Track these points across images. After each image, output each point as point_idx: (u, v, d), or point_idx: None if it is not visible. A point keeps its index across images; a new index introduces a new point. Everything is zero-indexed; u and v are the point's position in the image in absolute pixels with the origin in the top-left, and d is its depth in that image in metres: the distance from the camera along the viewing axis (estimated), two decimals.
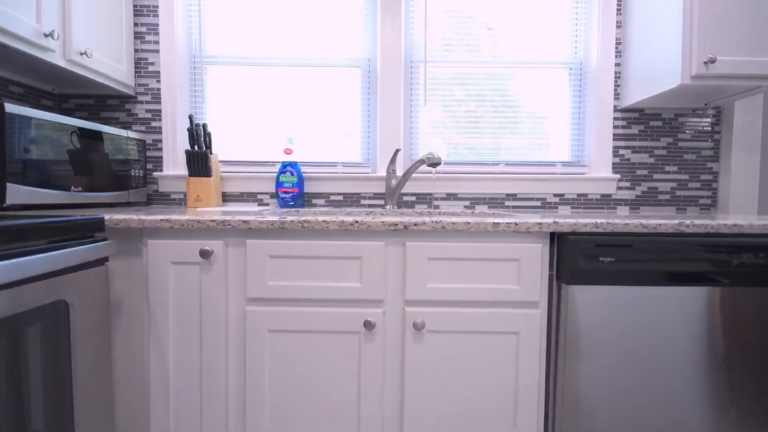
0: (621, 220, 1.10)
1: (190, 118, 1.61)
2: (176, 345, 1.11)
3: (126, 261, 1.12)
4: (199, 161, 1.61)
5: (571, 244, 1.08)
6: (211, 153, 1.67)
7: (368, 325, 1.08)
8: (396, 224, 1.08)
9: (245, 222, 1.07)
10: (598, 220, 1.09)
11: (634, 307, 1.08)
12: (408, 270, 1.10)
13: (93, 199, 1.43)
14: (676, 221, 1.10)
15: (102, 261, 1.02)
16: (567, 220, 1.09)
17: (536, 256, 1.10)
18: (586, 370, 1.08)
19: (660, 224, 1.09)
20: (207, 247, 1.08)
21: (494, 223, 1.08)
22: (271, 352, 1.11)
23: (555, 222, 1.08)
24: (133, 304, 1.13)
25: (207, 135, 1.66)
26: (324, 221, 1.07)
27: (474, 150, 1.83)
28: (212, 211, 1.29)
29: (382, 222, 1.08)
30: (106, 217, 1.06)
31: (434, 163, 1.51)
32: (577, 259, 1.07)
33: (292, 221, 1.07)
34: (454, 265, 1.11)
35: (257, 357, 1.11)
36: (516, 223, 1.08)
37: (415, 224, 1.08)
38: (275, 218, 1.07)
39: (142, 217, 1.07)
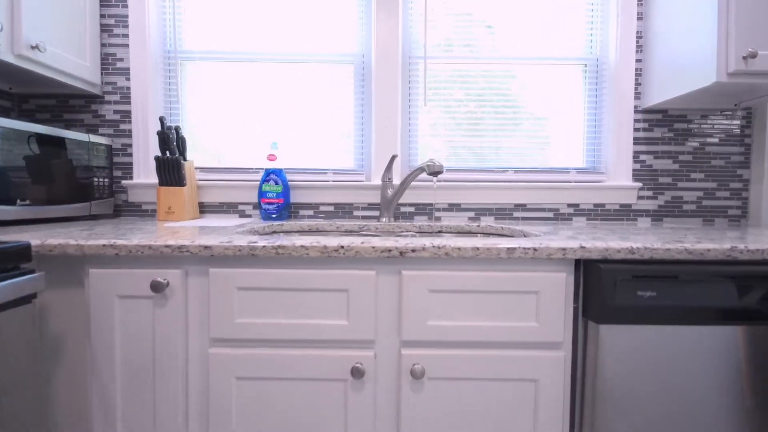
0: (661, 243, 0.90)
1: (161, 120, 1.41)
2: (125, 396, 0.90)
3: (66, 293, 0.92)
4: (170, 168, 1.40)
5: (601, 274, 0.87)
6: (185, 159, 1.47)
7: (356, 373, 0.88)
8: (390, 250, 0.87)
9: (207, 248, 0.87)
10: (634, 245, 0.89)
11: (682, 352, 0.88)
12: (404, 304, 0.90)
13: (44, 214, 1.23)
14: (727, 245, 0.89)
15: (29, 298, 0.82)
16: (596, 243, 0.89)
17: (559, 287, 0.90)
18: (621, 429, 0.88)
19: (708, 249, 0.88)
20: (160, 279, 0.87)
21: (509, 248, 0.88)
22: (239, 404, 0.91)
23: (582, 247, 0.88)
24: (75, 345, 0.93)
25: (181, 139, 1.46)
26: (302, 246, 0.87)
27: (478, 155, 1.62)
28: (183, 227, 1.08)
29: (373, 247, 0.87)
30: (37, 242, 0.86)
31: (435, 172, 1.31)
32: (609, 292, 0.87)
33: (264, 247, 0.87)
34: (460, 299, 0.90)
35: (222, 410, 0.90)
36: (535, 249, 0.88)
37: (413, 250, 0.87)
38: (243, 243, 0.87)
39: (81, 242, 0.86)
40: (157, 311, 0.89)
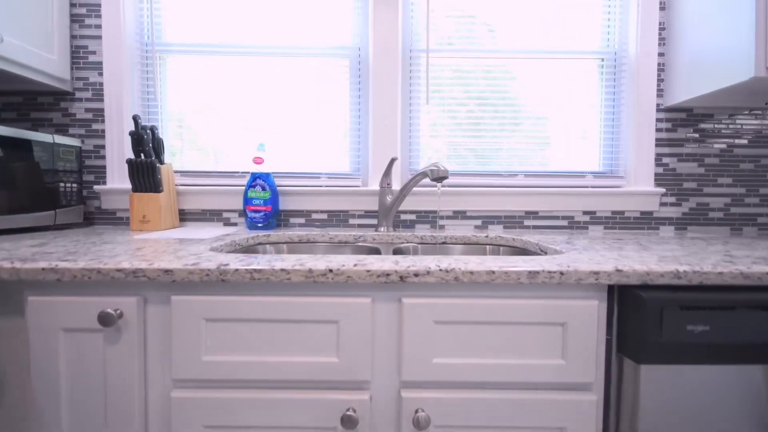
0: (712, 266, 0.74)
1: (135, 119, 1.25)
2: None
3: (6, 321, 0.76)
4: (144, 173, 1.24)
5: (643, 304, 0.72)
6: (161, 162, 1.31)
7: (348, 422, 0.72)
8: (388, 274, 0.72)
9: (168, 272, 0.71)
10: (680, 268, 0.73)
11: (743, 396, 0.72)
12: (405, 338, 0.74)
13: (0, 225, 1.07)
14: None
15: None
16: (635, 266, 0.73)
17: (590, 318, 0.74)
18: None
19: (766, 273, 0.73)
20: (110, 309, 0.72)
21: (531, 272, 0.72)
22: None
23: (618, 270, 0.72)
24: (16, 384, 0.77)
25: (158, 140, 1.30)
26: (283, 270, 0.71)
27: (481, 157, 1.46)
28: (157, 239, 0.92)
29: (368, 271, 0.71)
30: None
31: (440, 177, 1.15)
32: (652, 326, 0.71)
33: (236, 271, 0.71)
34: (472, 332, 0.74)
35: None
36: (562, 273, 0.72)
37: (416, 274, 0.72)
38: (212, 265, 0.71)
39: (18, 264, 0.71)
40: (109, 348, 0.73)
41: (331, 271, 0.71)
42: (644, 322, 0.71)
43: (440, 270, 0.72)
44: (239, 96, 1.44)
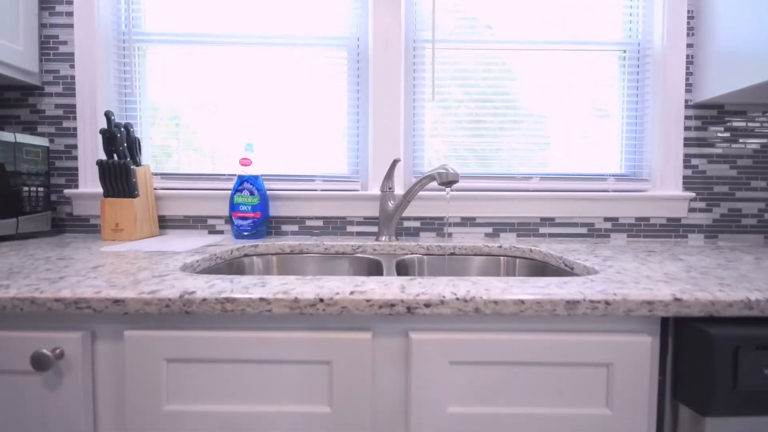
0: None
1: (107, 115, 1.10)
2: None
3: None
4: (117, 176, 1.10)
5: (708, 342, 0.57)
6: (138, 164, 1.16)
7: None
8: (392, 305, 0.57)
9: (118, 302, 0.56)
10: (751, 296, 0.58)
11: None
12: (414, 381, 0.60)
13: None
14: None
15: None
16: (697, 295, 0.58)
17: (641, 357, 0.59)
18: None
19: None
20: (47, 349, 0.57)
21: (569, 302, 0.57)
22: None
23: (677, 299, 0.58)
24: None
25: (133, 139, 1.15)
26: (263, 300, 0.56)
27: (485, 158, 1.32)
28: (128, 251, 0.77)
29: (368, 301, 0.57)
30: None
31: (449, 182, 1.00)
32: (721, 369, 0.56)
33: (204, 301, 0.56)
34: (495, 374, 0.60)
35: None
36: (608, 302, 0.57)
37: (427, 304, 0.57)
38: (174, 293, 0.57)
39: None
40: (49, 395, 0.59)
41: (322, 300, 0.57)
42: (712, 364, 0.56)
43: (457, 299, 0.57)
44: (226, 91, 1.29)
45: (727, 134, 1.29)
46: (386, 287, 0.60)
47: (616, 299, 0.58)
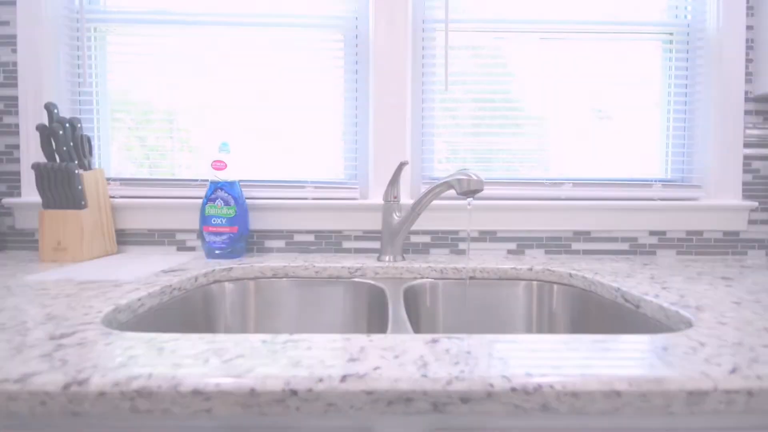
0: None
1: (48, 108, 0.88)
2: None
3: None
4: (59, 182, 0.87)
5: None
6: (87, 167, 0.93)
7: None
8: (409, 399, 0.34)
9: None
10: None
11: None
12: None
13: None
14: None
15: None
16: None
17: None
18: None
19: None
20: None
21: (691, 393, 0.35)
22: None
23: None
24: None
25: (83, 138, 0.93)
26: (197, 393, 0.34)
27: (503, 160, 1.09)
28: (55, 280, 0.55)
29: (368, 393, 0.34)
30: None
31: (471, 191, 0.78)
32: None
33: (102, 395, 0.34)
34: None
35: None
36: (750, 392, 0.35)
37: (464, 398, 0.34)
38: (57, 382, 0.34)
39: None
40: None
41: (295, 393, 0.34)
42: None
43: (512, 390, 0.35)
44: (200, 81, 1.06)
45: None
46: (398, 363, 0.38)
47: (763, 388, 0.35)
